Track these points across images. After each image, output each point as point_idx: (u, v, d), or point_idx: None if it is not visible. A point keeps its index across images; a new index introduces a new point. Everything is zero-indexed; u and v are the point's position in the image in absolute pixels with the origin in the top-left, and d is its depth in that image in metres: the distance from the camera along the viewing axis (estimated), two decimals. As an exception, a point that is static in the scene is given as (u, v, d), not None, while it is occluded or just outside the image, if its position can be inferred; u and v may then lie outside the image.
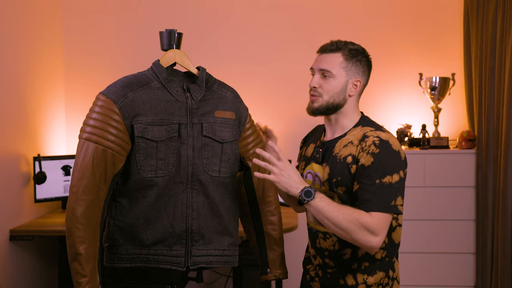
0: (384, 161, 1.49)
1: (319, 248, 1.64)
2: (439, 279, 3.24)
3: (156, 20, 3.48)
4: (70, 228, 1.46)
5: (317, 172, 1.63)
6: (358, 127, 1.61)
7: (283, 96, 3.48)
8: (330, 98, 1.59)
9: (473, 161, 3.22)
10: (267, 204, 1.80)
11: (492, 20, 3.17)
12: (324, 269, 1.65)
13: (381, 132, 1.56)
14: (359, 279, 1.59)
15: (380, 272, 1.59)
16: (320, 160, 1.63)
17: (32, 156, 3.01)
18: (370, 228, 1.44)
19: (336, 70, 1.59)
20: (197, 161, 1.58)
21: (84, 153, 1.49)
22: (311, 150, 1.71)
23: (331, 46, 1.62)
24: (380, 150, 1.50)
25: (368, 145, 1.51)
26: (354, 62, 1.61)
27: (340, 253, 1.59)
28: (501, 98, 3.15)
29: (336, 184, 1.56)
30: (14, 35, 2.85)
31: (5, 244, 2.72)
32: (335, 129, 1.65)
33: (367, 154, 1.50)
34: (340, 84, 1.60)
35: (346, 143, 1.58)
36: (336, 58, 1.60)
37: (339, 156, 1.57)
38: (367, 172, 1.49)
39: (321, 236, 1.63)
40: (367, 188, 1.48)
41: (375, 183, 1.48)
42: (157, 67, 1.60)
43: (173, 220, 1.56)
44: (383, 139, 1.52)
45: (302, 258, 1.94)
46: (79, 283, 1.45)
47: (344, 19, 3.47)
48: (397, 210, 1.49)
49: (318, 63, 1.62)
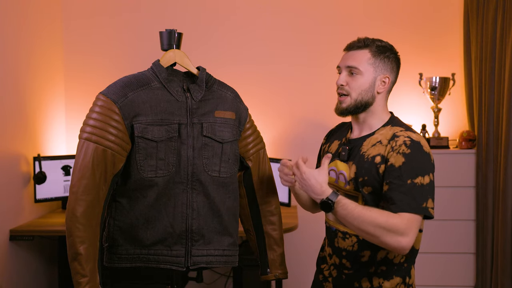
0: (416, 162, 1.46)
1: (337, 248, 1.61)
2: (439, 279, 3.24)
3: (156, 20, 3.48)
4: (70, 228, 1.46)
5: (342, 170, 1.59)
6: (387, 127, 1.58)
7: (283, 97, 3.49)
8: (359, 96, 1.56)
9: (473, 161, 3.22)
10: (267, 204, 1.80)
11: (492, 20, 3.17)
12: (339, 270, 1.62)
13: (411, 132, 1.53)
14: (375, 282, 1.55)
15: (397, 277, 1.56)
16: (346, 158, 1.59)
17: (32, 156, 3.01)
18: (400, 229, 1.40)
19: (363, 67, 1.56)
20: (197, 161, 1.58)
21: (84, 153, 1.49)
22: (335, 146, 1.67)
23: (358, 43, 1.60)
24: (411, 150, 1.46)
25: (398, 145, 1.48)
26: (382, 59, 1.59)
27: (359, 254, 1.56)
28: (501, 98, 3.15)
29: (362, 183, 1.52)
30: (14, 35, 2.86)
31: (5, 244, 2.72)
32: (362, 128, 1.62)
33: (398, 154, 1.47)
34: (368, 81, 1.57)
35: (374, 142, 1.55)
36: (363, 55, 1.58)
37: (366, 155, 1.54)
38: (398, 173, 1.45)
39: (340, 236, 1.60)
40: (398, 188, 1.44)
41: (406, 183, 1.44)
42: (157, 67, 1.60)
43: (173, 220, 1.56)
44: (415, 140, 1.49)
45: (302, 258, 1.94)
46: (79, 283, 1.45)
47: (344, 20, 3.47)
48: (428, 212, 1.44)
49: (345, 61, 1.59)
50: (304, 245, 3.43)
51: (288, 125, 3.48)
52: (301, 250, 3.43)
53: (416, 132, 1.55)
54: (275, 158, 3.25)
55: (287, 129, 3.48)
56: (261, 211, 1.79)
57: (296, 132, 3.47)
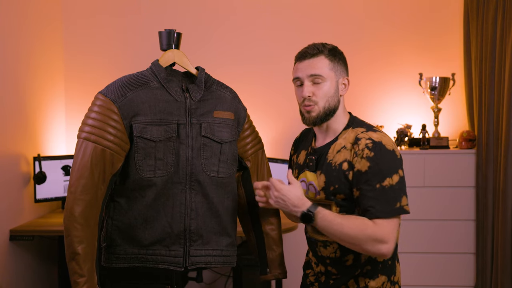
0: (381, 164, 1.45)
1: (320, 256, 1.62)
2: (439, 279, 3.24)
3: (156, 20, 3.48)
4: (68, 228, 1.46)
5: (311, 181, 1.59)
6: (348, 129, 1.56)
7: (283, 97, 3.48)
8: (326, 103, 1.53)
9: (473, 161, 3.22)
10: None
11: (492, 20, 3.16)
12: (327, 276, 1.62)
13: (372, 132, 1.51)
14: (361, 283, 1.56)
15: (382, 276, 1.57)
16: (314, 168, 1.58)
17: (32, 156, 3.01)
18: (379, 237, 1.42)
19: (326, 73, 1.53)
20: (196, 161, 1.58)
21: (83, 153, 1.48)
22: (303, 157, 1.67)
23: (312, 51, 1.55)
24: (375, 153, 1.45)
25: (361, 149, 1.47)
26: (337, 61, 1.56)
27: (342, 259, 1.57)
28: (501, 98, 3.15)
29: (334, 192, 1.52)
30: (14, 35, 2.86)
31: (5, 244, 2.72)
32: (326, 134, 1.60)
33: (362, 158, 1.46)
34: (333, 87, 1.54)
35: (339, 148, 1.53)
36: (322, 61, 1.54)
37: (334, 163, 1.52)
38: (365, 178, 1.45)
39: (320, 245, 1.61)
40: (368, 194, 1.44)
41: (375, 188, 1.44)
42: (156, 67, 1.60)
43: (172, 220, 1.56)
44: (376, 141, 1.47)
45: (302, 258, 1.94)
46: (77, 283, 1.44)
47: (344, 20, 3.47)
48: (403, 210, 1.45)
49: (305, 70, 1.54)
50: (303, 245, 3.42)
51: (288, 125, 3.48)
52: (300, 250, 3.43)
53: (377, 131, 1.53)
54: (275, 158, 3.25)
55: (287, 129, 3.48)
56: (260, 211, 1.79)
57: (296, 132, 3.43)
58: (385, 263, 1.57)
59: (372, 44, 3.45)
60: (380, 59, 3.47)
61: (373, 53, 3.47)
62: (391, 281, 1.59)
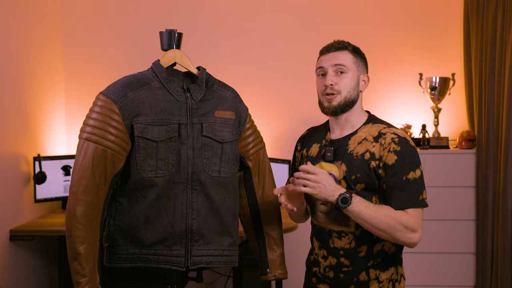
0: (407, 158, 1.53)
1: (333, 248, 1.63)
2: (439, 279, 3.24)
3: (156, 20, 3.48)
4: (70, 228, 1.46)
5: (330, 171, 1.61)
6: (368, 125, 1.62)
7: (283, 96, 3.49)
8: (347, 94, 1.59)
9: (473, 161, 3.22)
10: (267, 204, 1.80)
11: (492, 20, 3.17)
12: (337, 269, 1.63)
13: (395, 128, 1.59)
14: (372, 274, 1.60)
15: (391, 267, 1.62)
16: (332, 159, 1.61)
17: (32, 156, 3.01)
18: (410, 226, 1.49)
19: (349, 65, 1.60)
20: (197, 161, 1.58)
21: (84, 153, 1.49)
22: (315, 149, 1.69)
23: (337, 44, 1.63)
24: (401, 147, 1.53)
25: (388, 143, 1.54)
26: (359, 58, 1.64)
27: (356, 250, 1.60)
28: (501, 98, 3.15)
29: (355, 181, 1.56)
30: (15, 35, 2.86)
31: (5, 244, 2.72)
32: (344, 127, 1.64)
33: (389, 152, 1.53)
34: (354, 79, 1.61)
35: (360, 140, 1.59)
36: (346, 55, 1.61)
37: (355, 153, 1.57)
38: (393, 171, 1.52)
39: (335, 236, 1.62)
40: (395, 186, 1.51)
41: (402, 180, 1.51)
42: (157, 67, 1.60)
43: (173, 220, 1.56)
44: (401, 136, 1.55)
45: (302, 258, 1.93)
46: (79, 283, 1.45)
47: (344, 19, 3.48)
48: (425, 203, 1.53)
49: (330, 61, 1.61)
50: (304, 245, 3.42)
51: (288, 125, 3.48)
52: (301, 250, 3.43)
53: (397, 128, 1.62)
54: (275, 158, 3.25)
55: (287, 129, 3.48)
56: (261, 211, 1.79)
57: (296, 132, 3.44)
58: (394, 255, 1.62)
59: (372, 44, 3.45)
60: (380, 59, 3.47)
61: (373, 53, 3.45)
62: (398, 273, 1.64)
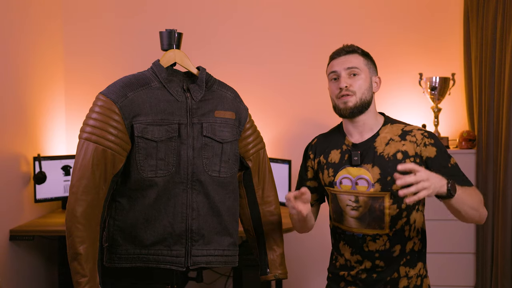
0: (443, 147, 1.60)
1: (368, 252, 1.63)
2: (439, 279, 3.24)
3: (156, 20, 3.48)
4: (70, 228, 1.46)
5: (361, 175, 1.60)
6: (387, 126, 1.65)
7: (283, 96, 3.49)
8: (362, 95, 1.61)
9: (473, 161, 3.22)
10: (267, 204, 1.80)
11: (492, 20, 3.17)
12: (370, 272, 1.64)
13: (414, 125, 1.65)
14: (402, 272, 1.63)
15: (419, 263, 1.65)
16: (359, 162, 1.61)
17: (32, 156, 3.01)
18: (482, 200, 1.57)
19: (361, 67, 1.62)
20: (197, 161, 1.58)
21: (84, 153, 1.49)
22: (336, 155, 1.67)
23: (348, 48, 1.65)
24: (434, 139, 1.59)
25: (420, 139, 1.58)
26: (369, 61, 1.66)
27: (391, 250, 1.62)
28: (501, 98, 3.15)
29: (391, 182, 1.57)
30: (14, 35, 2.86)
31: (5, 244, 2.72)
32: (362, 130, 1.65)
33: (425, 146, 1.58)
34: (367, 81, 1.63)
35: (386, 141, 1.61)
36: (357, 57, 1.63)
37: (386, 155, 1.59)
38: (438, 162, 1.56)
39: (369, 239, 1.62)
40: (449, 172, 1.54)
41: (449, 167, 1.56)
42: (157, 67, 1.60)
43: (173, 220, 1.56)
44: (427, 130, 1.62)
45: (302, 258, 1.94)
46: (78, 283, 1.45)
47: (344, 20, 3.48)
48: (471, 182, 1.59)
49: (342, 64, 1.62)
50: (304, 245, 3.43)
51: (288, 125, 3.48)
52: (301, 250, 3.43)
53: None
54: (275, 158, 3.25)
55: (287, 129, 3.48)
56: (261, 211, 1.79)
57: (296, 132, 3.47)
58: (420, 251, 1.67)
59: (372, 44, 3.44)
60: (380, 59, 3.43)
61: (373, 53, 3.43)
62: (424, 268, 1.68)
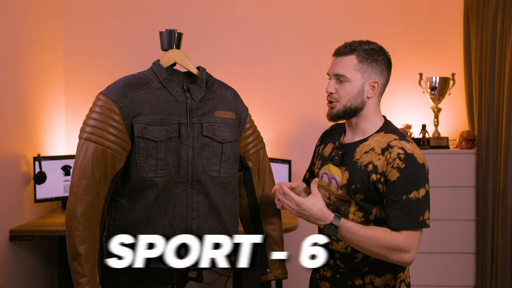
0: (410, 177, 1.48)
1: (331, 250, 1.63)
2: (439, 279, 3.24)
3: (156, 20, 3.48)
4: (70, 228, 1.46)
5: (334, 175, 1.61)
6: (380, 133, 1.59)
7: (282, 96, 3.49)
8: (347, 102, 1.57)
9: (473, 161, 3.22)
10: (267, 205, 1.80)
11: (492, 20, 3.17)
12: (334, 270, 1.64)
13: (405, 142, 1.53)
14: (367, 279, 1.59)
15: (388, 274, 1.59)
16: (338, 163, 1.61)
17: (32, 156, 3.01)
18: (403, 247, 1.47)
19: (350, 74, 1.56)
20: (197, 161, 1.58)
21: (84, 153, 1.49)
22: (329, 150, 1.69)
23: (344, 49, 1.58)
24: (406, 164, 1.48)
25: (393, 159, 1.49)
26: (369, 63, 1.57)
27: (352, 256, 1.59)
28: (501, 98, 3.15)
29: (355, 191, 1.55)
30: (14, 35, 2.86)
31: (5, 244, 2.72)
32: (355, 131, 1.63)
33: (392, 168, 1.48)
34: (356, 88, 1.56)
35: (367, 149, 1.56)
36: (350, 61, 1.56)
37: (359, 163, 1.55)
38: (393, 188, 1.48)
39: (334, 239, 1.62)
40: (393, 204, 1.48)
41: (401, 199, 1.47)
42: (157, 67, 1.60)
43: (173, 220, 1.56)
44: (408, 153, 1.49)
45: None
46: (78, 283, 1.45)
47: (344, 20, 3.48)
48: (425, 224, 1.50)
49: (332, 68, 1.60)
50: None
51: (288, 125, 3.48)
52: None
53: (410, 141, 1.55)
54: (275, 158, 3.25)
55: (287, 129, 3.48)
56: (261, 211, 1.79)
57: (296, 132, 3.47)
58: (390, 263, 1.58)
59: (372, 44, 3.44)
60: (380, 59, 3.47)
61: (373, 53, 3.47)
62: (397, 279, 1.61)
